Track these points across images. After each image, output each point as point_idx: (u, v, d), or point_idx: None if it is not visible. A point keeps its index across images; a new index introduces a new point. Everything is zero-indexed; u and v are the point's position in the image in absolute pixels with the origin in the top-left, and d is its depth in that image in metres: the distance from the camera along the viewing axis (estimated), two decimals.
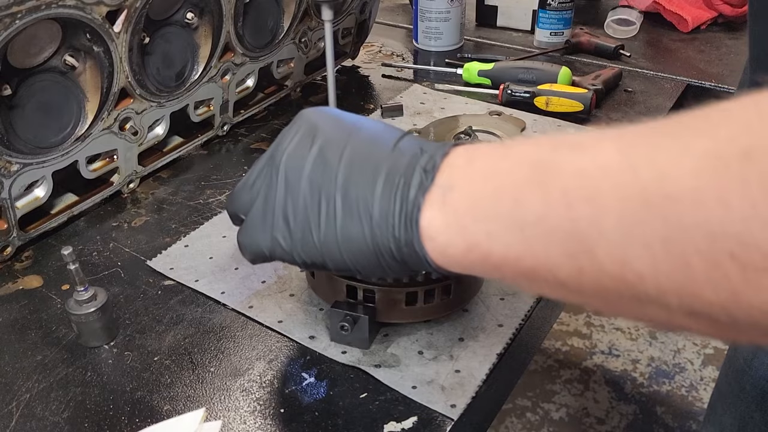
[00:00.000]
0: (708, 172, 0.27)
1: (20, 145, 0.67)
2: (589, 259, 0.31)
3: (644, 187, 0.29)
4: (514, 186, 0.35)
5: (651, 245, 0.29)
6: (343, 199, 0.43)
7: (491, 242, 0.36)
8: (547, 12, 1.18)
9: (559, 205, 0.32)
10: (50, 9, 0.63)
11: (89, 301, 0.57)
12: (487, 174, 0.37)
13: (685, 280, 0.28)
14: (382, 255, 0.42)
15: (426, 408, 0.52)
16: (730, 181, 0.26)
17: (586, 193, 0.31)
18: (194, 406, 0.53)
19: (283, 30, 0.95)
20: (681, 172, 0.28)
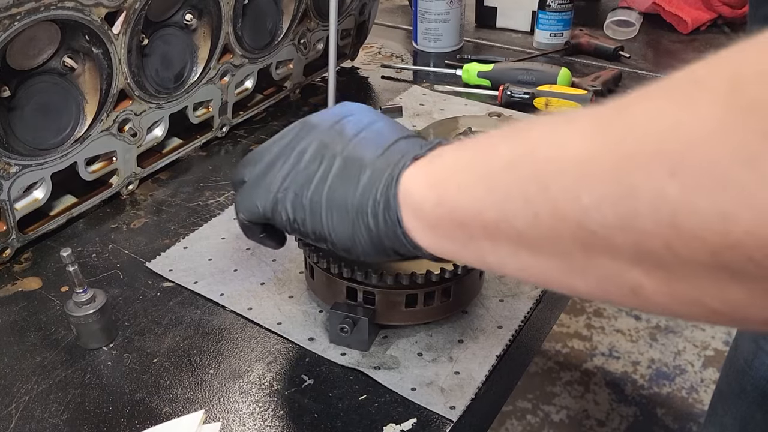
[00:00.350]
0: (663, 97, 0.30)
1: (19, 147, 0.67)
2: (544, 198, 0.32)
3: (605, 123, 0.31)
4: (492, 144, 0.38)
5: (600, 175, 0.29)
6: (342, 162, 0.46)
7: (460, 195, 0.38)
8: (546, 13, 1.18)
9: (525, 152, 0.34)
10: (49, 11, 0.63)
11: (88, 302, 0.57)
12: (473, 145, 0.40)
13: (628, 210, 0.28)
14: (358, 222, 0.44)
15: (425, 410, 0.52)
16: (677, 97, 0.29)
17: (552, 138, 0.33)
18: (193, 408, 0.53)
19: (282, 31, 0.95)
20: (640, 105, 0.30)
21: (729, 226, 0.25)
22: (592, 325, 1.96)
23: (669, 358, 1.84)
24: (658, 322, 1.96)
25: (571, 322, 1.98)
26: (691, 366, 1.82)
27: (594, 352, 1.87)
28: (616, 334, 1.92)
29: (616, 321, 1.97)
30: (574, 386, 1.77)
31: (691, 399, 1.73)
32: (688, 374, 1.80)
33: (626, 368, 1.82)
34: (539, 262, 0.34)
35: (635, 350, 1.87)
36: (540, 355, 1.85)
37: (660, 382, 1.77)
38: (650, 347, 1.88)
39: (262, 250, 0.69)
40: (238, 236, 0.71)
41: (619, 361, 1.84)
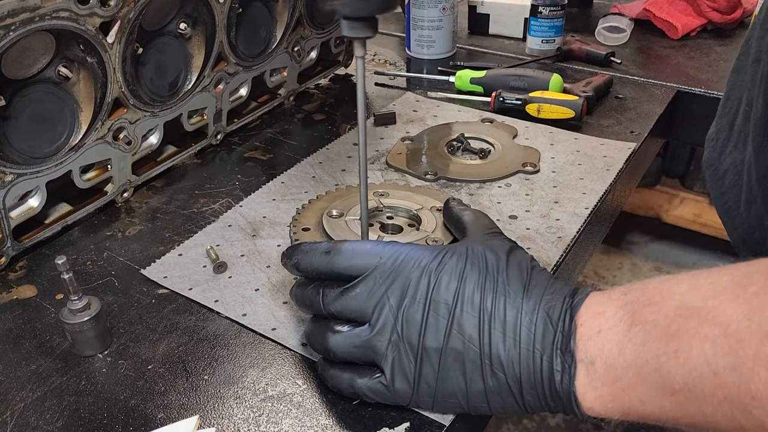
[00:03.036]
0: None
1: (14, 156, 0.68)
2: (747, 418, 0.34)
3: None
4: (652, 357, 0.40)
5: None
6: (491, 371, 0.47)
7: (645, 408, 0.41)
8: (538, 20, 1.19)
9: (704, 374, 0.36)
10: (44, 21, 0.63)
11: (83, 310, 0.58)
12: (620, 345, 0.42)
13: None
14: (533, 409, 0.48)
15: (418, 414, 0.52)
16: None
17: (729, 361, 0.35)
18: (188, 414, 0.53)
19: (275, 39, 0.95)
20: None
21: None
22: None
23: None
24: None
25: None
26: None
27: None
28: None
29: None
30: None
31: None
32: None
33: None
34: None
35: None
36: None
37: None
38: None
39: (257, 256, 0.70)
40: (233, 243, 0.72)
41: None
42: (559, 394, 0.45)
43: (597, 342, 0.43)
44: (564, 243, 0.71)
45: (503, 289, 0.48)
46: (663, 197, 2.34)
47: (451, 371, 0.47)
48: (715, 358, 0.36)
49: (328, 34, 1.06)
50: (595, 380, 0.43)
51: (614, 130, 0.95)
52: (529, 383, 0.46)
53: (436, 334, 0.47)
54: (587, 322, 0.45)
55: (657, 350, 0.39)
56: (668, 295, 0.41)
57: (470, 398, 0.48)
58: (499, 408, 0.48)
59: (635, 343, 0.41)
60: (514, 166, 0.85)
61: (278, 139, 0.96)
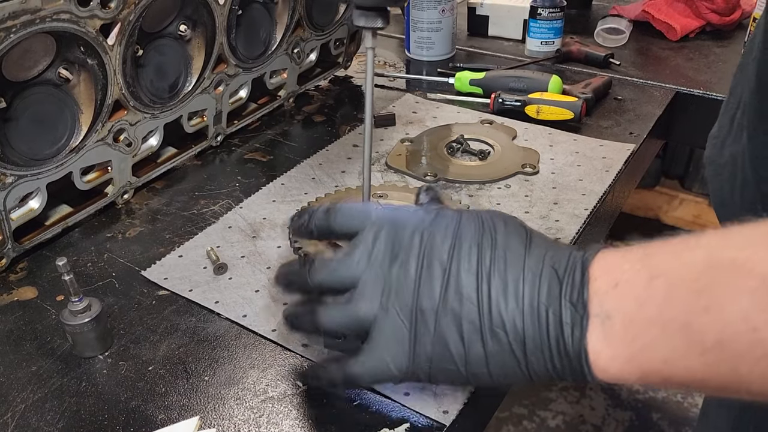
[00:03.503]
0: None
1: (15, 158, 0.68)
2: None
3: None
4: (679, 313, 0.36)
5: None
6: (491, 333, 0.42)
7: (669, 368, 0.37)
8: (537, 21, 1.19)
9: (741, 331, 0.33)
10: (44, 23, 0.63)
11: (84, 311, 0.58)
12: (641, 300, 0.38)
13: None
14: (537, 376, 0.43)
15: (418, 414, 0.52)
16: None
17: (766, 311, 0.32)
18: (188, 415, 0.53)
19: (275, 41, 0.96)
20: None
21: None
22: None
23: None
24: None
25: None
26: None
27: None
28: None
29: None
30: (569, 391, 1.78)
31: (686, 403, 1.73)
32: None
33: None
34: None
35: None
36: None
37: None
38: None
39: (257, 257, 0.70)
40: (233, 244, 0.72)
41: None
42: (567, 353, 0.40)
43: (614, 296, 0.39)
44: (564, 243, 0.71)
45: (503, 244, 0.44)
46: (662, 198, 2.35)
47: (448, 333, 0.43)
48: (753, 312, 0.32)
49: (327, 36, 1.06)
50: (611, 338, 0.38)
51: (613, 132, 0.95)
52: (533, 342, 0.41)
53: (430, 293, 0.43)
54: (602, 275, 0.40)
55: (684, 305, 0.35)
56: (694, 246, 0.37)
57: (469, 363, 0.43)
58: (500, 375, 0.43)
59: (658, 297, 0.37)
60: (513, 167, 0.85)
61: (278, 141, 0.96)
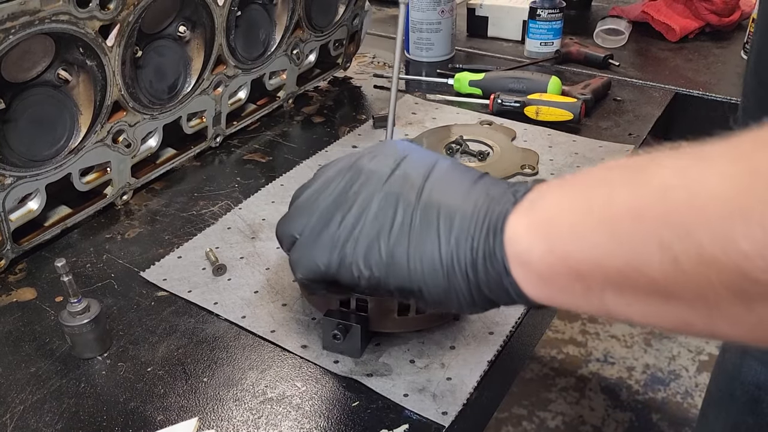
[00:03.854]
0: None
1: (14, 159, 0.68)
2: (685, 243, 0.29)
3: (750, 156, 0.28)
4: (607, 186, 0.34)
5: (760, 219, 0.26)
6: (423, 211, 0.42)
7: (576, 243, 0.34)
8: (537, 22, 1.19)
9: (654, 195, 0.31)
10: (43, 24, 0.63)
11: (82, 312, 0.58)
12: (581, 187, 0.36)
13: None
14: (454, 272, 0.41)
15: (417, 415, 0.52)
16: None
17: (684, 181, 0.30)
18: (187, 416, 0.53)
19: (275, 42, 0.96)
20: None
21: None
22: (586, 330, 1.97)
23: (664, 363, 1.85)
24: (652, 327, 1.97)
25: (566, 327, 1.98)
26: (685, 371, 1.83)
27: (589, 357, 1.88)
28: (610, 340, 1.93)
29: (611, 326, 1.98)
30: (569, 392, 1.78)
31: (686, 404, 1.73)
32: (683, 379, 1.80)
33: (621, 374, 1.82)
34: (676, 309, 0.32)
35: (630, 356, 1.87)
36: (535, 362, 1.86)
37: (655, 387, 1.78)
38: (645, 353, 1.88)
39: (256, 258, 0.70)
40: (232, 245, 0.72)
41: (614, 366, 1.84)
42: (488, 230, 0.39)
43: (555, 186, 0.38)
44: None
45: (452, 160, 0.46)
46: None
47: (381, 211, 0.43)
48: (671, 180, 0.31)
49: (326, 37, 1.06)
50: (534, 212, 0.38)
51: (613, 133, 0.95)
52: (461, 225, 0.40)
53: (378, 180, 0.44)
54: (551, 182, 0.40)
55: (609, 178, 0.35)
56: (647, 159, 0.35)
57: (392, 238, 0.42)
58: (416, 258, 0.42)
59: (590, 179, 0.36)
60: (512, 168, 0.85)
61: (277, 142, 0.96)
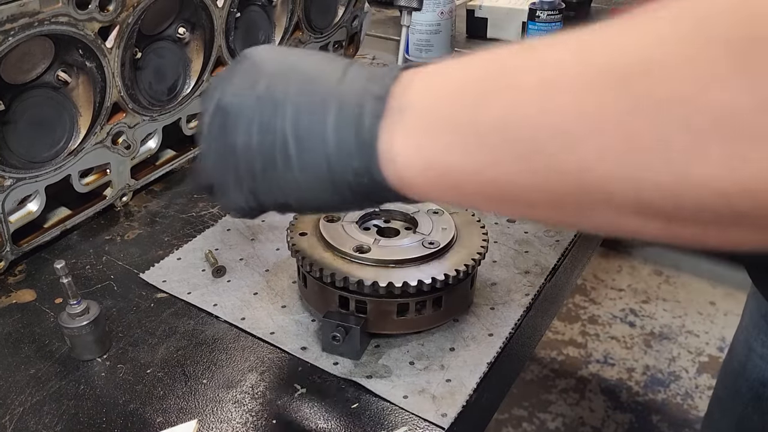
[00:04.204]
0: (658, 47, 0.27)
1: (13, 160, 0.68)
2: (540, 156, 0.31)
3: (601, 68, 0.29)
4: (473, 95, 0.34)
5: (601, 128, 0.28)
6: (294, 136, 0.41)
7: (450, 155, 0.35)
8: (536, 24, 1.19)
9: (516, 104, 0.32)
10: (43, 26, 0.63)
11: (82, 314, 0.58)
12: (443, 88, 0.36)
13: (633, 161, 0.27)
14: (341, 187, 0.40)
15: (417, 417, 0.52)
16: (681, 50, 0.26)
17: (542, 88, 0.31)
18: (187, 418, 0.53)
19: (274, 43, 0.96)
20: (631, 50, 0.28)
21: (740, 172, 0.25)
22: (586, 332, 1.97)
23: (663, 364, 1.85)
24: (652, 328, 1.97)
25: (566, 329, 1.98)
26: (685, 372, 1.83)
27: (589, 359, 1.88)
28: (610, 341, 1.93)
29: (611, 328, 1.98)
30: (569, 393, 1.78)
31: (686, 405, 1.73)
32: (683, 380, 1.80)
33: (621, 375, 1.82)
34: (539, 212, 0.35)
35: (630, 357, 1.88)
36: (535, 363, 1.86)
37: (655, 388, 1.78)
38: (645, 354, 1.88)
39: (255, 260, 0.70)
40: (232, 247, 0.72)
41: (614, 368, 1.84)
42: (364, 143, 0.38)
43: (418, 86, 0.37)
44: (562, 246, 0.71)
45: (324, 58, 0.44)
46: None
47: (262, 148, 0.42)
48: (533, 89, 0.31)
49: (326, 38, 1.06)
50: (406, 127, 0.37)
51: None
52: (336, 143, 0.39)
53: (251, 84, 0.43)
54: (417, 72, 0.38)
55: (480, 87, 0.34)
56: (513, 45, 0.36)
57: (278, 173, 0.42)
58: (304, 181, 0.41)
59: (460, 79, 0.36)
60: None
61: None
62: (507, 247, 0.71)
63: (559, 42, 0.33)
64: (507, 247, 0.71)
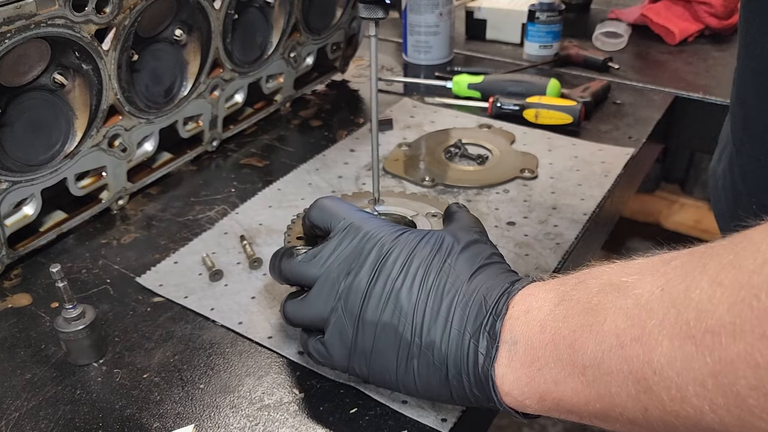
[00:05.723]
0: (741, 304, 0.29)
1: (9, 163, 0.67)
2: (649, 397, 0.33)
3: (687, 321, 0.31)
4: (569, 332, 0.38)
5: (703, 380, 0.30)
6: (419, 353, 0.46)
7: (559, 389, 0.39)
8: (536, 25, 1.19)
9: (612, 347, 0.35)
10: (39, 28, 0.63)
11: (78, 318, 0.57)
12: (543, 323, 0.40)
13: (741, 412, 0.29)
14: (461, 400, 0.46)
15: (416, 422, 0.52)
16: (763, 311, 0.28)
17: (635, 332, 0.33)
18: (183, 423, 0.53)
19: (272, 45, 0.95)
20: (717, 307, 0.30)
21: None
22: None
23: None
24: None
25: None
26: None
27: None
28: None
29: None
30: None
31: None
32: None
33: None
34: None
35: None
36: None
37: None
38: None
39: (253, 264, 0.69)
40: (228, 250, 0.72)
41: None
42: (480, 379, 0.43)
43: (523, 322, 0.42)
44: (562, 249, 0.70)
45: (448, 270, 0.47)
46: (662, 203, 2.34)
47: (384, 345, 0.47)
48: (624, 330, 0.34)
49: (324, 40, 1.06)
50: (514, 361, 0.42)
51: (612, 136, 0.95)
52: (455, 366, 0.44)
53: (376, 305, 0.47)
54: (518, 303, 0.43)
55: (574, 325, 0.38)
56: (598, 274, 0.40)
57: (399, 376, 0.47)
58: (426, 392, 0.47)
59: (557, 320, 0.39)
60: (512, 172, 0.84)
61: (274, 146, 0.95)
62: (507, 250, 0.70)
63: (642, 277, 0.36)
64: (507, 250, 0.70)
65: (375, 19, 0.59)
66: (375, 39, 0.60)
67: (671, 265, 0.35)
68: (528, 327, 0.41)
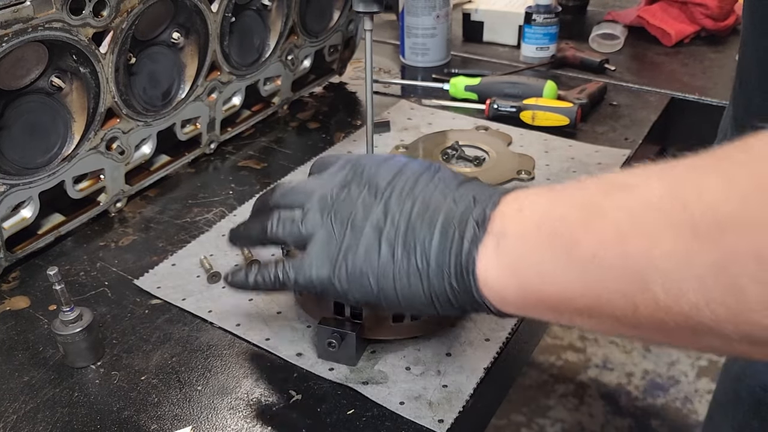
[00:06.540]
0: (754, 199, 0.29)
1: (7, 166, 0.67)
2: (643, 293, 0.32)
3: (693, 217, 0.31)
4: (567, 228, 0.37)
5: (704, 274, 0.30)
6: (403, 247, 0.45)
7: (546, 282, 0.38)
8: (532, 27, 1.19)
9: (613, 241, 0.34)
10: (37, 32, 0.63)
11: (75, 321, 0.57)
12: (539, 220, 0.39)
13: (739, 306, 0.29)
14: (438, 300, 0.45)
15: (413, 423, 0.52)
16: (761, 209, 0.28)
17: (639, 228, 0.33)
18: (181, 425, 0.53)
19: (269, 48, 0.95)
20: (729, 202, 0.30)
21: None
22: (585, 336, 1.97)
23: (663, 368, 1.84)
24: None
25: (565, 334, 1.98)
26: (685, 376, 1.82)
27: (588, 364, 1.87)
28: (609, 346, 1.92)
29: None
30: (568, 399, 1.77)
31: (686, 410, 1.73)
32: (682, 385, 1.80)
33: (620, 380, 1.81)
34: (640, 333, 0.35)
35: (629, 362, 1.87)
36: (534, 368, 1.85)
37: (654, 393, 1.77)
38: (644, 358, 1.88)
39: None
40: (226, 253, 0.72)
41: (613, 372, 1.84)
42: (461, 268, 0.42)
43: (516, 219, 0.41)
44: None
45: (437, 181, 0.47)
46: None
47: (369, 247, 0.46)
48: (626, 225, 0.33)
49: (321, 43, 1.06)
50: (501, 253, 0.40)
51: (609, 137, 0.95)
52: (436, 261, 0.43)
53: (364, 212, 0.47)
54: (512, 202, 0.42)
55: (573, 222, 0.37)
56: (599, 178, 0.39)
57: (379, 278, 0.46)
58: (406, 295, 0.45)
59: (553, 218, 0.38)
60: (508, 173, 0.85)
61: (272, 148, 0.95)
62: None
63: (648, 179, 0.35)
64: None
65: (371, 12, 0.59)
66: (370, 33, 0.60)
67: (678, 167, 0.34)
68: (521, 224, 0.40)
